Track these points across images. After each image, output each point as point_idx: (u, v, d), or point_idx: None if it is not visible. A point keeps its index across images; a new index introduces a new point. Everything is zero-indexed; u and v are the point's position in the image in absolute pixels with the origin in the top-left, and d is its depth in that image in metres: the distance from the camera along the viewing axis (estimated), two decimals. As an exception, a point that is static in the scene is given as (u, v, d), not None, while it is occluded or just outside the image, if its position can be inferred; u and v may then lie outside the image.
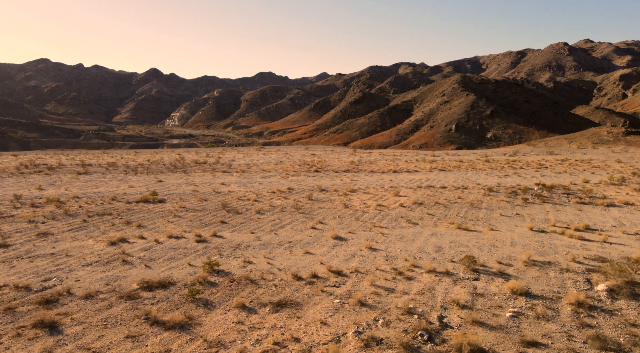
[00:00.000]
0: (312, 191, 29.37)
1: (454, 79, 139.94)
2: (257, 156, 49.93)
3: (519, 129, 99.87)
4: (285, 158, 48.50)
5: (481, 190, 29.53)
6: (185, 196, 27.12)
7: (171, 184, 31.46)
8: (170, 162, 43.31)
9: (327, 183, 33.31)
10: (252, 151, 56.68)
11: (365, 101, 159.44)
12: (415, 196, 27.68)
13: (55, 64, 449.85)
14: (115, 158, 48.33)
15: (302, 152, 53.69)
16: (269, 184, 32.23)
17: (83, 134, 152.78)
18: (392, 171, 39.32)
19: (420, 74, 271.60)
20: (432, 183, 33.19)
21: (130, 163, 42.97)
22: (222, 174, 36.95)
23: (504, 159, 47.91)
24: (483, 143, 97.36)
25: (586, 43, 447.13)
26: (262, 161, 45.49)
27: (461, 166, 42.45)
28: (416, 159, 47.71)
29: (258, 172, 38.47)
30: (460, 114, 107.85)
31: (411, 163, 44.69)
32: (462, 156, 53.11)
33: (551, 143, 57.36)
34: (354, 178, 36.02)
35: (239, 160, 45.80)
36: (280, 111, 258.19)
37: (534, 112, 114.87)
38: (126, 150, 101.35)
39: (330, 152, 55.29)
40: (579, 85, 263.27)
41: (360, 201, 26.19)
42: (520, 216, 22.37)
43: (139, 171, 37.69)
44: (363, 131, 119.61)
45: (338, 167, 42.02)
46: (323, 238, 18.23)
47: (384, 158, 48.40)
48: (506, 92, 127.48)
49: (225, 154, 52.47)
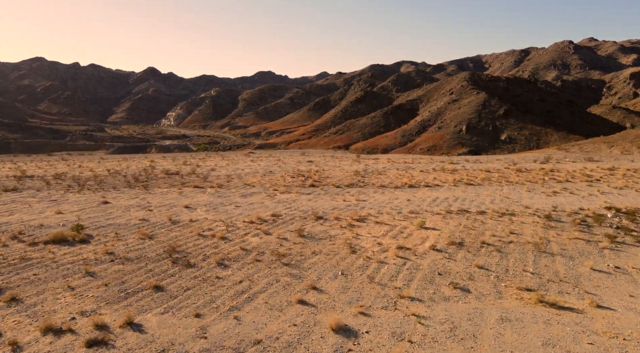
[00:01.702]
0: (305, 220, 21.48)
1: (462, 76, 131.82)
2: (244, 164, 42.04)
3: (535, 130, 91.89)
4: (276, 166, 40.64)
5: (536, 218, 21.61)
6: (124, 230, 19.22)
7: (117, 208, 23.55)
8: (135, 172, 35.37)
9: (326, 204, 25.39)
10: (239, 157, 48.76)
11: (367, 100, 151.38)
12: (449, 228, 19.77)
13: (50, 63, 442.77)
14: (72, 166, 40.40)
15: (297, 158, 45.73)
16: (249, 208, 24.32)
17: (69, 135, 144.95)
18: (408, 186, 31.38)
19: (424, 73, 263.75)
20: (464, 204, 25.27)
21: (85, 174, 35.04)
22: (193, 190, 29.03)
23: (538, 167, 39.99)
24: (497, 145, 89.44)
25: (590, 41, 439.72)
26: (248, 171, 37.57)
27: (491, 178, 34.53)
28: (433, 168, 39.78)
29: (239, 187, 30.54)
30: (471, 114, 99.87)
31: (428, 174, 36.75)
32: (485, 162, 45.19)
33: (587, 147, 49.42)
34: (360, 196, 28.10)
35: (220, 169, 37.90)
36: (279, 111, 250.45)
37: (549, 112, 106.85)
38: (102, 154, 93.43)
39: (330, 158, 47.32)
40: (587, 84, 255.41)
41: (372, 238, 18.30)
42: (624, 273, 14.48)
43: (87, 186, 29.76)
44: (365, 132, 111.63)
45: (340, 179, 34.10)
46: (316, 333, 10.37)
47: (394, 167, 40.50)
48: (518, 91, 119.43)
49: (207, 162, 44.57)
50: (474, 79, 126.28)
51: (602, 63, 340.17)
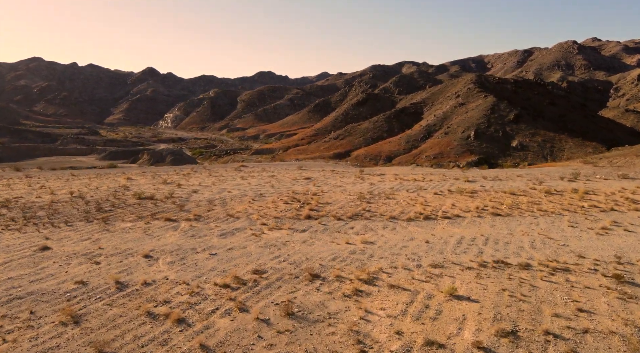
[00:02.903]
0: (297, 280, 16.29)
1: (468, 78, 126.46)
2: (232, 183, 36.87)
3: (548, 136, 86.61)
4: (269, 184, 35.52)
5: (601, 277, 16.39)
6: (46, 306, 14.01)
7: (56, 259, 18.37)
8: (102, 197, 30.14)
9: (325, 250, 20.18)
10: (228, 173, 43.56)
11: (369, 103, 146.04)
12: (489, 298, 14.54)
13: (48, 63, 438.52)
14: (33, 186, 35.18)
15: (293, 174, 40.51)
16: (226, 256, 19.13)
17: (60, 139, 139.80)
18: (423, 217, 26.16)
19: (426, 74, 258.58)
20: (498, 249, 20.06)
21: (41, 199, 29.82)
22: (163, 226, 23.82)
23: (568, 188, 34.76)
24: (508, 152, 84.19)
25: (594, 41, 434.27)
26: (235, 193, 32.37)
27: (520, 205, 29.30)
28: (448, 188, 34.63)
29: (220, 220, 25.32)
30: (479, 119, 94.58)
31: (444, 197, 31.56)
32: (506, 180, 39.97)
33: (617, 161, 44.15)
34: (367, 233, 22.90)
35: (203, 191, 32.71)
36: (279, 112, 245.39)
37: (561, 116, 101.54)
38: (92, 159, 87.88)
39: (330, 173, 42.10)
40: (593, 85, 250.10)
41: (388, 320, 13.09)
42: None
43: (34, 219, 24.54)
44: (368, 137, 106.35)
45: (341, 206, 28.91)
46: None
47: (402, 187, 35.37)
48: (528, 94, 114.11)
49: (190, 180, 39.35)
50: (480, 81, 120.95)
51: (606, 64, 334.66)
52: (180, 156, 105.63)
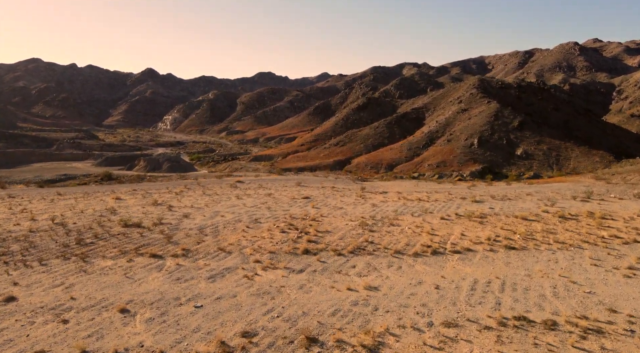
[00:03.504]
0: (292, 347, 14.22)
1: (471, 83, 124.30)
2: (227, 203, 34.91)
3: (554, 144, 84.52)
4: (265, 206, 33.61)
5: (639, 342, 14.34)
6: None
7: (18, 315, 16.30)
8: (85, 225, 28.09)
9: (323, 300, 18.11)
10: (223, 190, 41.60)
11: (369, 108, 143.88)
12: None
13: (47, 64, 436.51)
14: (13, 209, 33.11)
15: (291, 192, 38.69)
16: (213, 311, 17.06)
17: (56, 144, 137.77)
18: (431, 251, 24.09)
19: (427, 76, 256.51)
20: (517, 298, 17.99)
21: (19, 228, 27.75)
22: (146, 264, 21.75)
23: (583, 210, 32.70)
24: (512, 161, 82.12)
25: (595, 42, 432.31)
26: (229, 218, 30.36)
27: (534, 233, 27.24)
28: (455, 211, 32.71)
29: (210, 256, 23.26)
30: (483, 126, 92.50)
31: (452, 224, 29.53)
32: (515, 199, 37.93)
33: (632, 178, 42.05)
34: (370, 275, 20.86)
35: (194, 215, 30.68)
36: (278, 115, 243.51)
37: (565, 122, 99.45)
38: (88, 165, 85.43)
39: (330, 191, 40.25)
40: (596, 87, 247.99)
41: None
42: None
43: (5, 256, 22.50)
44: (368, 144, 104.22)
45: (342, 236, 26.93)
46: None
47: (407, 209, 33.43)
48: (531, 99, 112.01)
49: (183, 199, 37.37)
50: (483, 86, 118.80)
51: (608, 65, 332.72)
52: (177, 162, 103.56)
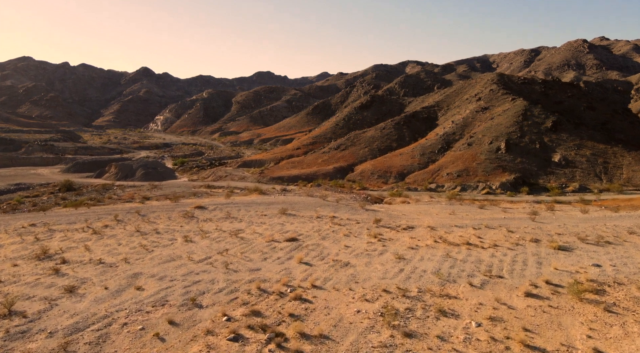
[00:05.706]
0: None
1: (489, 78, 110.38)
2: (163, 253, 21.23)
3: (598, 149, 70.59)
4: (222, 259, 19.78)
5: None
6: None
7: None
8: None
9: None
10: (171, 224, 27.79)
11: (374, 106, 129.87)
12: None
13: (38, 63, 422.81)
14: None
15: (272, 226, 24.47)
16: None
17: (25, 147, 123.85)
18: None
19: (433, 74, 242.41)
20: None
21: None
22: None
23: None
24: (550, 169, 68.14)
25: (602, 40, 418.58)
26: (149, 293, 16.47)
27: None
28: (546, 280, 18.80)
29: None
30: (510, 127, 78.58)
31: (555, 310, 16.00)
32: (622, 245, 24.11)
33: None
34: None
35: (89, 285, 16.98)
36: (275, 115, 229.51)
37: (604, 124, 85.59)
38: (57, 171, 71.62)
39: (329, 223, 25.90)
40: (612, 85, 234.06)
41: None
42: None
43: None
44: (374, 148, 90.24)
45: (352, 348, 12.76)
46: None
47: (456, 267, 20.01)
48: (560, 96, 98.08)
49: (98, 243, 23.62)
50: (504, 81, 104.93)
51: (619, 63, 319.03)
52: (154, 169, 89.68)
